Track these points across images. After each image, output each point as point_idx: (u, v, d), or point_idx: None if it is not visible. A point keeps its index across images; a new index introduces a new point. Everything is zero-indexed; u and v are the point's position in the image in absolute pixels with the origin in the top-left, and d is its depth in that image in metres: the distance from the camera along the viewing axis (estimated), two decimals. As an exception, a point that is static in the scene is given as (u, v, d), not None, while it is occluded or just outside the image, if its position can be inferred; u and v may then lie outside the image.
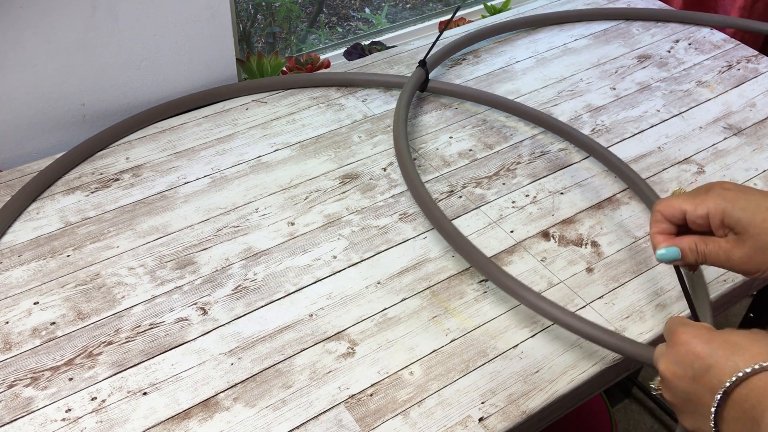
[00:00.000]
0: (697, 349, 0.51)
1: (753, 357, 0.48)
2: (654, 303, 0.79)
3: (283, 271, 0.80)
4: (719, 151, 1.00)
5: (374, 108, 1.05)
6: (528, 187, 0.93)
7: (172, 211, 0.87)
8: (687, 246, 0.61)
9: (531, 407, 0.68)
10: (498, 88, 1.09)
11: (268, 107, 1.04)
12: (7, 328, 0.73)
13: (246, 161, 0.95)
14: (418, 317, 0.76)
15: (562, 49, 1.19)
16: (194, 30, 1.02)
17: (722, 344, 0.50)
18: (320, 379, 0.70)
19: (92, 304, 0.76)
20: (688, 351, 0.51)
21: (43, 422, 0.65)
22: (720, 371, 0.49)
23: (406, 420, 0.67)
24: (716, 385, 0.49)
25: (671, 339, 0.54)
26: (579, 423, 1.17)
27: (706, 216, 0.60)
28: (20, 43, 0.90)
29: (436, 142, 0.99)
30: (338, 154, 0.97)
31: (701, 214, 0.60)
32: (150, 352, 0.72)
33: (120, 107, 1.02)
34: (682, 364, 0.52)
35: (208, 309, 0.76)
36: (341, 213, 0.88)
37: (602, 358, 0.73)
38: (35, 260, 0.80)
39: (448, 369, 0.71)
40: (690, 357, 0.51)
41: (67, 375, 0.69)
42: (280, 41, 1.58)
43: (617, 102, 1.08)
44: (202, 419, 0.66)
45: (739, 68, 1.15)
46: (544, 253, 0.84)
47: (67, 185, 0.90)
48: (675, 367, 0.52)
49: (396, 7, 1.69)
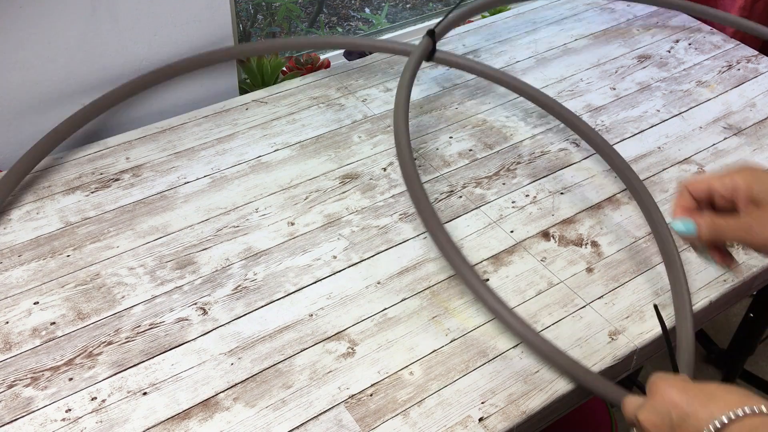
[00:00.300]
0: (674, 398, 0.53)
1: (727, 405, 0.50)
2: (654, 303, 0.79)
3: (283, 271, 0.81)
4: (719, 151, 1.00)
5: (374, 108, 1.05)
6: (528, 187, 0.93)
7: (172, 211, 0.87)
8: (704, 222, 0.62)
9: (531, 407, 0.68)
10: (498, 87, 1.09)
11: (268, 107, 1.04)
12: (7, 328, 0.73)
13: (246, 161, 0.95)
14: (418, 317, 0.76)
15: (562, 49, 1.19)
16: (194, 30, 1.02)
17: (698, 394, 0.52)
18: (320, 379, 0.70)
19: (92, 304, 0.76)
20: (665, 400, 0.54)
21: (43, 422, 0.65)
22: (697, 419, 0.51)
23: (406, 420, 0.67)
24: None
25: (649, 390, 0.56)
26: (579, 423, 1.17)
27: (734, 189, 0.61)
28: (20, 43, 0.90)
29: (436, 142, 0.99)
30: (338, 154, 0.97)
31: (730, 187, 0.61)
32: (150, 352, 0.72)
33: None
34: (660, 414, 0.54)
35: (208, 309, 0.76)
36: (341, 213, 0.88)
37: (602, 359, 0.73)
38: (35, 260, 0.80)
39: (448, 369, 0.71)
40: (668, 406, 0.53)
41: (67, 375, 0.69)
42: (280, 41, 1.58)
43: (617, 102, 1.08)
44: (202, 419, 0.66)
45: (739, 68, 1.15)
46: (544, 253, 0.84)
47: (67, 185, 0.90)
48: (653, 416, 0.54)
49: (396, 7, 1.69)
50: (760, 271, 0.83)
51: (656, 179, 0.95)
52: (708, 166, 0.97)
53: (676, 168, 0.97)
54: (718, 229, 0.62)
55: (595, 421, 1.15)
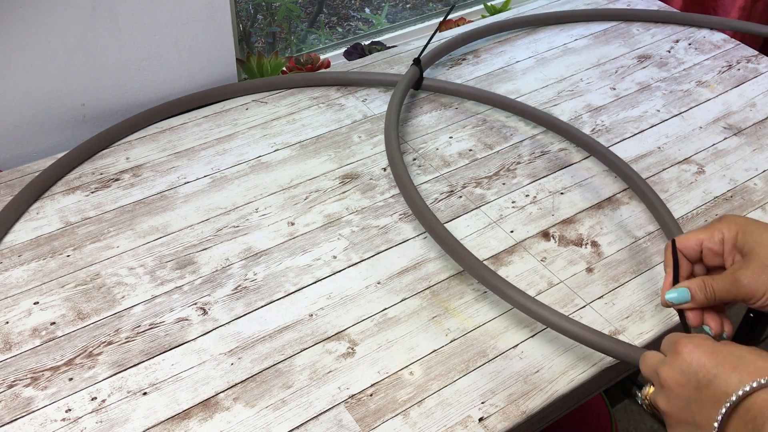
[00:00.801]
0: (702, 359, 0.51)
1: (758, 371, 0.49)
2: (654, 303, 0.79)
3: (283, 271, 0.80)
4: (719, 151, 1.00)
5: (374, 108, 1.05)
6: (528, 187, 0.93)
7: (172, 211, 0.87)
8: (696, 285, 0.61)
9: (531, 407, 0.68)
10: (498, 88, 1.09)
11: (268, 107, 1.04)
12: (7, 328, 0.73)
13: (246, 161, 0.95)
14: (418, 317, 0.76)
15: (562, 49, 1.19)
16: (194, 30, 1.02)
17: (727, 356, 0.51)
18: (320, 379, 0.70)
19: (92, 304, 0.76)
20: (692, 360, 0.52)
21: (43, 422, 0.65)
22: (724, 383, 0.49)
23: (406, 420, 0.67)
24: (720, 397, 0.49)
25: (674, 349, 0.54)
26: (579, 423, 1.17)
27: (721, 241, 0.61)
28: (20, 43, 0.90)
29: (436, 142, 0.99)
30: (338, 154, 0.97)
31: (718, 239, 0.62)
32: (150, 352, 0.72)
33: (120, 107, 1.02)
34: (686, 374, 0.52)
35: (208, 309, 0.76)
36: (341, 213, 0.88)
37: (602, 358, 0.73)
38: (35, 260, 0.80)
39: (448, 369, 0.71)
40: (694, 366, 0.51)
41: (67, 375, 0.69)
42: (280, 41, 1.58)
43: (617, 102, 1.08)
44: (202, 419, 0.66)
45: (739, 68, 1.15)
46: (544, 253, 0.84)
47: (67, 185, 0.90)
48: (678, 375, 0.52)
49: (396, 7, 1.69)
50: (760, 271, 0.83)
51: (656, 179, 0.95)
52: (708, 166, 0.97)
53: (676, 168, 0.97)
54: (709, 289, 0.61)
55: (595, 421, 1.15)
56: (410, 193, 0.83)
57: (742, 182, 0.94)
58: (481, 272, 0.75)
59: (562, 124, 0.99)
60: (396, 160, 0.87)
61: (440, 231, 0.79)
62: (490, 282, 0.74)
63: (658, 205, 0.87)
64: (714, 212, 0.90)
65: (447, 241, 0.79)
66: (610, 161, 0.94)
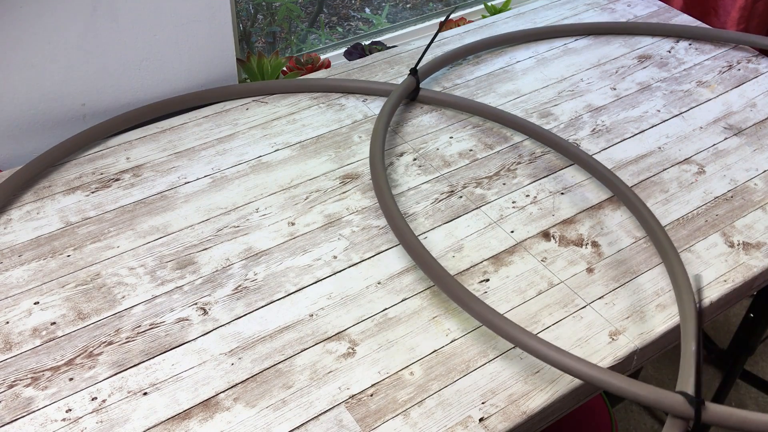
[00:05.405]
0: None
1: None
2: (654, 303, 0.79)
3: (283, 271, 0.80)
4: (719, 151, 1.00)
5: (374, 108, 1.05)
6: (528, 187, 0.93)
7: (172, 211, 0.87)
8: None
9: (531, 407, 0.68)
10: (498, 88, 1.09)
11: (269, 107, 1.04)
12: (7, 328, 0.73)
13: (246, 161, 0.95)
14: (418, 317, 0.76)
15: (562, 49, 1.19)
16: (194, 30, 1.02)
17: None
18: (320, 379, 0.70)
19: (92, 304, 0.76)
20: None
21: (44, 422, 0.65)
22: None
23: (407, 420, 0.67)
24: None
25: None
26: (579, 423, 1.17)
27: None
28: (20, 43, 0.90)
29: (436, 142, 0.99)
30: (338, 154, 0.97)
31: None
32: (150, 352, 0.72)
33: (120, 107, 1.02)
34: None
35: (208, 309, 0.76)
36: (341, 213, 0.88)
37: (602, 359, 0.73)
38: (35, 260, 0.80)
39: (449, 369, 0.71)
40: None
41: (67, 375, 0.69)
42: (280, 41, 1.58)
43: (617, 102, 1.08)
44: (203, 419, 0.66)
45: (740, 68, 1.15)
46: (545, 254, 0.84)
47: (67, 185, 0.90)
48: None
49: (396, 7, 1.69)
50: (761, 271, 0.83)
51: (656, 179, 0.95)
52: (708, 166, 0.97)
53: (676, 168, 0.97)
54: None
55: (595, 421, 1.15)
56: (390, 209, 0.83)
57: (743, 182, 0.94)
58: (450, 287, 0.74)
59: (563, 141, 0.96)
60: (377, 168, 0.86)
61: (414, 244, 0.79)
62: (460, 299, 0.74)
63: (645, 213, 0.86)
64: (714, 212, 0.90)
65: (421, 255, 0.78)
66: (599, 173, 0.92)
